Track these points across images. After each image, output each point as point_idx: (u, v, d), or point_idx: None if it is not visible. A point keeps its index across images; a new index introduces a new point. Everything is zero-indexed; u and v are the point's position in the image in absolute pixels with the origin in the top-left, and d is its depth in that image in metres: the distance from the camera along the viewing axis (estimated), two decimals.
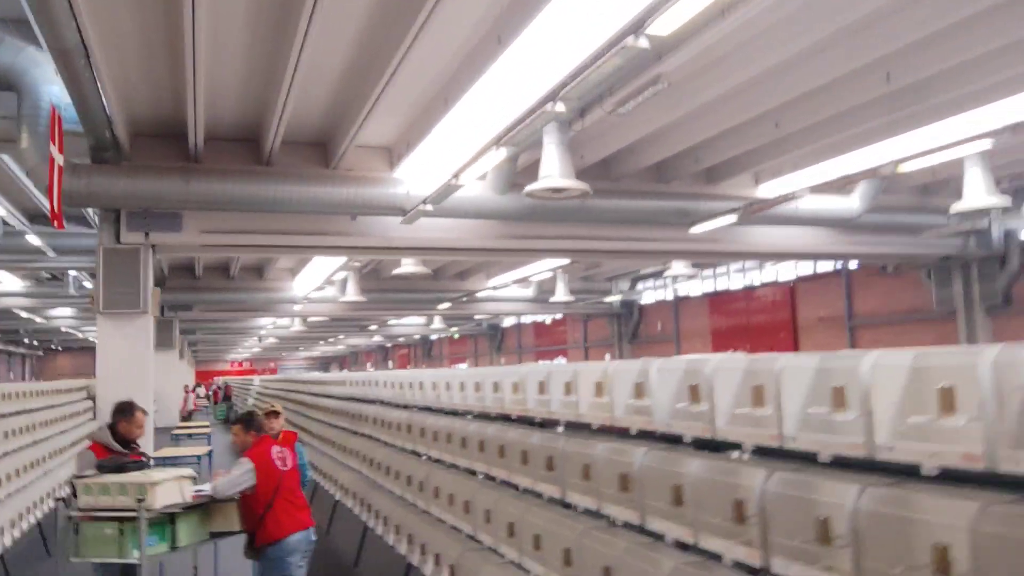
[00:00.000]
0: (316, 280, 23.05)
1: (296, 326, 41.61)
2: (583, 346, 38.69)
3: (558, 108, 7.83)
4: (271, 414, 6.99)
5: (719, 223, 13.83)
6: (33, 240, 17.50)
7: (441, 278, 29.08)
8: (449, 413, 5.54)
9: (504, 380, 4.49)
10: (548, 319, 42.11)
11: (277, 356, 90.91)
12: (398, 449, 6.80)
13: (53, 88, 10.71)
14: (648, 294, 33.80)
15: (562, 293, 28.55)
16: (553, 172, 10.81)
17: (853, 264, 22.73)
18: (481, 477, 4.80)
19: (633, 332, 34.51)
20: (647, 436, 3.21)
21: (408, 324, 44.35)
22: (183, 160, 11.98)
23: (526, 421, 4.27)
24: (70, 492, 5.70)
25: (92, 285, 18.06)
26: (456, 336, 54.37)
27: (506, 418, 4.55)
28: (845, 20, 8.56)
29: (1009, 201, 13.36)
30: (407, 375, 7.32)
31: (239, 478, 5.54)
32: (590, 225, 14.52)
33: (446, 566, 4.54)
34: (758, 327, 26.66)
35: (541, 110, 8.09)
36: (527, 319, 44.46)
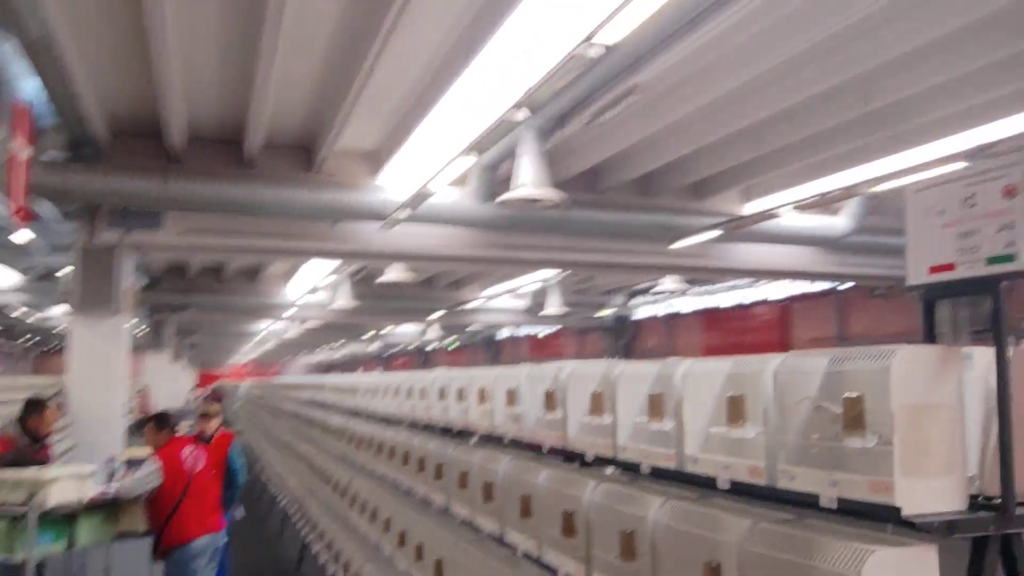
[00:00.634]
0: (307, 285, 23.01)
1: (292, 331, 41.59)
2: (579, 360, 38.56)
3: (519, 116, 7.77)
4: (205, 415, 6.91)
5: (700, 239, 13.76)
6: (20, 237, 17.47)
7: (435, 287, 29.03)
8: (372, 419, 5.46)
9: (415, 385, 4.41)
10: (543, 332, 42.03)
11: (278, 360, 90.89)
12: (332, 456, 6.72)
13: (34, 83, 10.71)
14: (642, 310, 33.68)
15: (555, 306, 28.48)
16: (527, 182, 10.74)
17: (846, 285, 22.63)
18: (390, 485, 4.72)
19: (627, 348, 34.39)
20: (517, 445, 3.13)
21: (403, 333, 44.29)
22: (164, 160, 11.96)
23: (433, 428, 4.20)
24: None
25: None
26: (452, 347, 54.32)
27: (423, 426, 4.48)
28: (821, 35, 8.50)
29: None
30: (338, 379, 7.25)
31: (145, 479, 5.44)
32: (573, 237, 14.47)
33: (352, 574, 4.45)
34: (751, 346, 26.52)
35: (503, 118, 8.03)
36: (523, 332, 44.38)
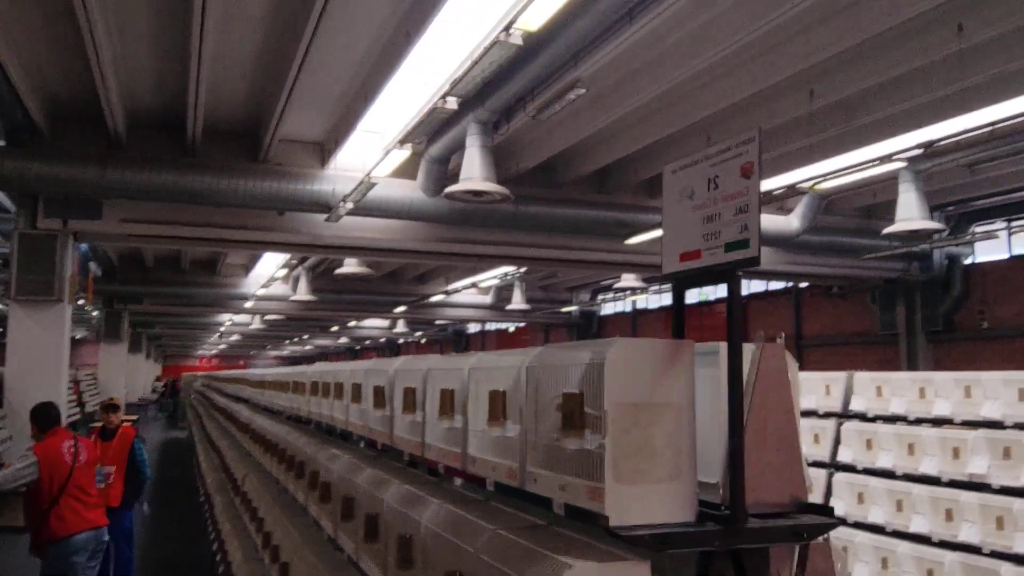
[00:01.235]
0: (262, 277, 22.73)
1: (256, 324, 41.16)
2: None
3: (450, 106, 7.64)
4: (109, 407, 6.73)
5: (654, 235, 13.70)
6: None
7: (399, 282, 28.83)
8: (266, 414, 5.36)
9: (288, 380, 4.29)
10: (512, 327, 41.92)
11: (245, 354, 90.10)
12: (237, 452, 6.60)
13: None
14: (609, 306, 33.69)
15: (519, 301, 28.38)
16: (474, 175, 10.65)
17: (803, 284, 22.70)
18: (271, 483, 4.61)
19: None
20: (368, 443, 3.03)
21: (371, 327, 44.00)
22: (105, 146, 11.70)
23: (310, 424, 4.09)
24: None
25: None
26: (423, 341, 54.20)
27: (303, 420, 4.36)
28: (761, 31, 8.44)
29: (942, 225, 13.33)
30: (251, 372, 7.10)
31: (20, 471, 5.25)
32: (526, 232, 14.34)
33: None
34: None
35: (434, 107, 7.90)
36: (492, 327, 44.26)
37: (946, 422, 4.92)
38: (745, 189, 2.21)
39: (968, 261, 18.54)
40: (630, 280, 23.04)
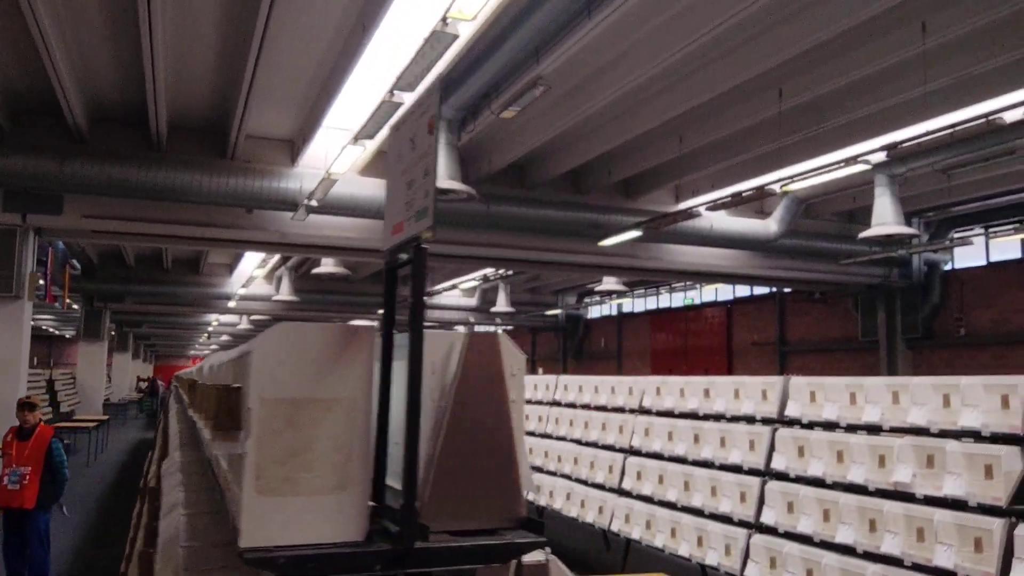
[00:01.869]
0: (246, 276, 22.55)
1: (244, 324, 40.95)
2: (532, 359, 38.31)
3: (396, 99, 7.48)
4: (26, 405, 6.53)
5: (625, 237, 13.53)
6: None
7: (382, 282, 28.61)
8: None
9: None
10: (500, 331, 41.78)
11: None
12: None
13: None
14: (595, 309, 33.52)
15: (503, 303, 28.21)
16: (440, 173, 10.49)
17: (787, 290, 22.54)
18: None
19: (578, 348, 34.20)
20: None
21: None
22: (67, 140, 11.51)
23: None
24: None
25: None
26: None
27: None
28: (722, 28, 8.27)
29: (916, 230, 13.19)
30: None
31: None
32: (500, 232, 14.14)
33: None
34: (695, 348, 26.43)
35: (382, 102, 7.73)
36: (479, 330, 44.13)
37: (876, 429, 4.75)
38: (429, 148, 1.88)
39: (947, 268, 18.40)
40: (611, 283, 22.87)
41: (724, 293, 25.51)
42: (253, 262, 22.50)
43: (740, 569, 5.45)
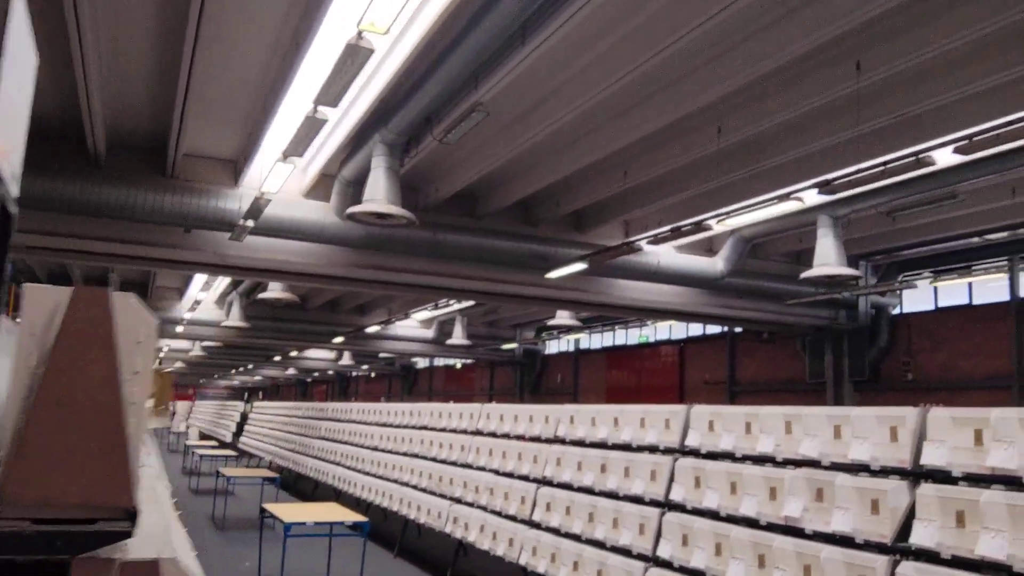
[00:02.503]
0: (189, 301, 22.14)
1: (196, 350, 40.25)
2: (489, 393, 38.02)
3: (319, 116, 7.36)
4: None
5: (571, 269, 13.45)
6: None
7: (338, 311, 28.32)
8: None
9: None
10: (459, 364, 41.44)
11: (195, 383, 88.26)
12: None
13: None
14: (552, 345, 33.38)
15: (459, 336, 27.99)
16: (377, 196, 10.36)
17: (738, 329, 22.59)
18: None
19: (536, 383, 33.99)
20: None
21: (316, 358, 43.27)
22: None
23: None
24: None
25: None
26: (372, 375, 53.52)
27: None
28: (660, 57, 8.26)
29: (858, 272, 13.28)
30: None
31: None
32: (447, 262, 13.98)
33: None
34: (648, 386, 26.35)
35: (306, 117, 7.61)
36: (440, 362, 43.72)
37: (770, 460, 4.62)
38: None
39: (895, 312, 18.54)
40: (565, 318, 22.76)
41: (678, 331, 25.51)
42: (199, 285, 22.14)
43: None
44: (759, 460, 4.70)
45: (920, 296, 18.24)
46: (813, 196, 11.90)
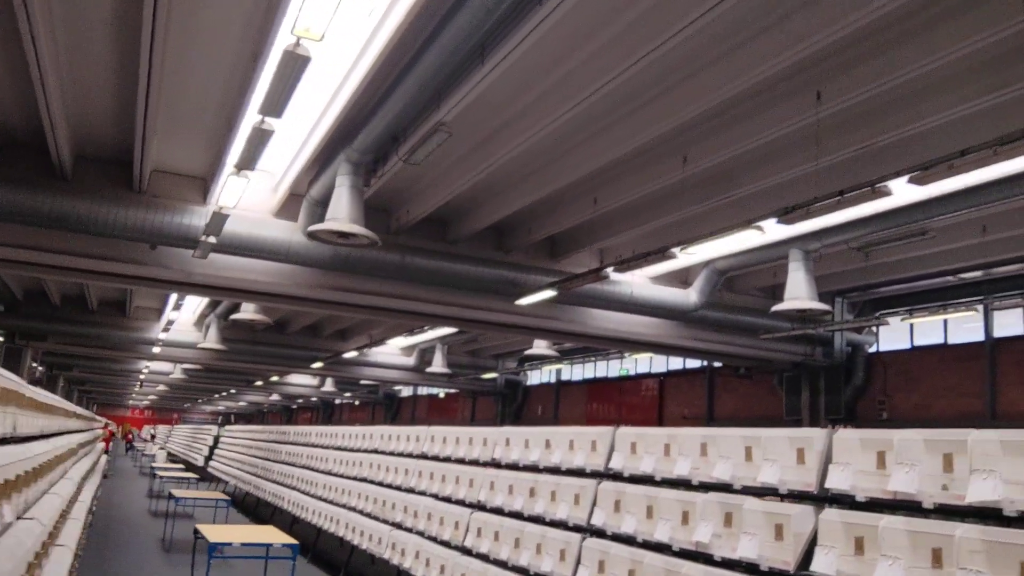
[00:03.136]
0: (162, 321, 21.93)
1: (177, 373, 39.95)
2: (470, 423, 37.73)
3: (265, 126, 7.29)
4: None
5: (540, 296, 13.34)
6: None
7: (319, 336, 28.11)
8: None
9: None
10: (442, 393, 41.18)
11: (179, 407, 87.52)
12: None
13: None
14: (534, 376, 33.18)
15: (439, 364, 27.77)
16: (340, 215, 10.28)
17: (717, 364, 22.45)
18: None
19: (517, 413, 33.74)
20: None
21: (298, 384, 42.94)
22: None
23: None
24: None
25: None
26: (356, 403, 53.19)
27: None
28: (621, 79, 8.21)
29: (827, 307, 13.20)
30: None
31: None
32: (417, 286, 13.86)
33: None
34: (628, 419, 26.14)
35: (254, 129, 7.54)
36: (423, 391, 43.44)
37: (686, 483, 4.47)
38: None
39: (871, 349, 18.44)
40: (543, 348, 22.61)
41: (658, 365, 25.36)
42: (173, 305, 21.96)
43: None
44: (676, 483, 4.56)
45: (896, 335, 18.16)
46: (782, 229, 11.87)
